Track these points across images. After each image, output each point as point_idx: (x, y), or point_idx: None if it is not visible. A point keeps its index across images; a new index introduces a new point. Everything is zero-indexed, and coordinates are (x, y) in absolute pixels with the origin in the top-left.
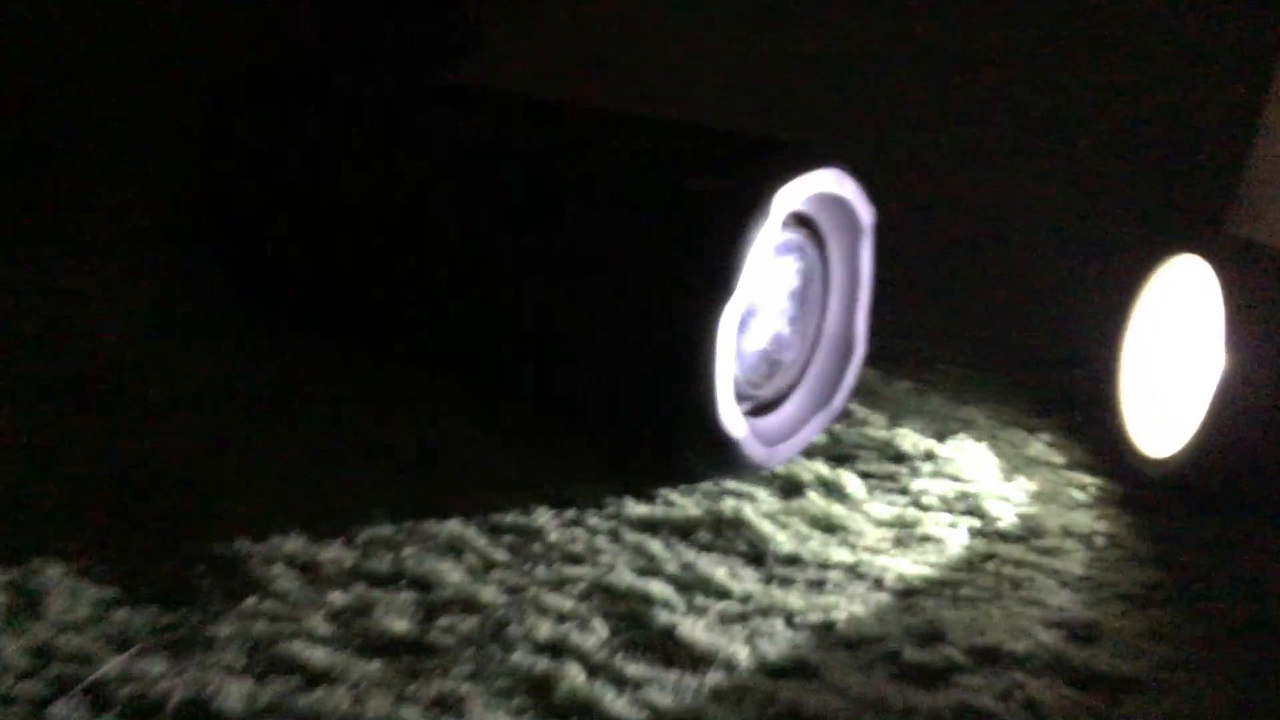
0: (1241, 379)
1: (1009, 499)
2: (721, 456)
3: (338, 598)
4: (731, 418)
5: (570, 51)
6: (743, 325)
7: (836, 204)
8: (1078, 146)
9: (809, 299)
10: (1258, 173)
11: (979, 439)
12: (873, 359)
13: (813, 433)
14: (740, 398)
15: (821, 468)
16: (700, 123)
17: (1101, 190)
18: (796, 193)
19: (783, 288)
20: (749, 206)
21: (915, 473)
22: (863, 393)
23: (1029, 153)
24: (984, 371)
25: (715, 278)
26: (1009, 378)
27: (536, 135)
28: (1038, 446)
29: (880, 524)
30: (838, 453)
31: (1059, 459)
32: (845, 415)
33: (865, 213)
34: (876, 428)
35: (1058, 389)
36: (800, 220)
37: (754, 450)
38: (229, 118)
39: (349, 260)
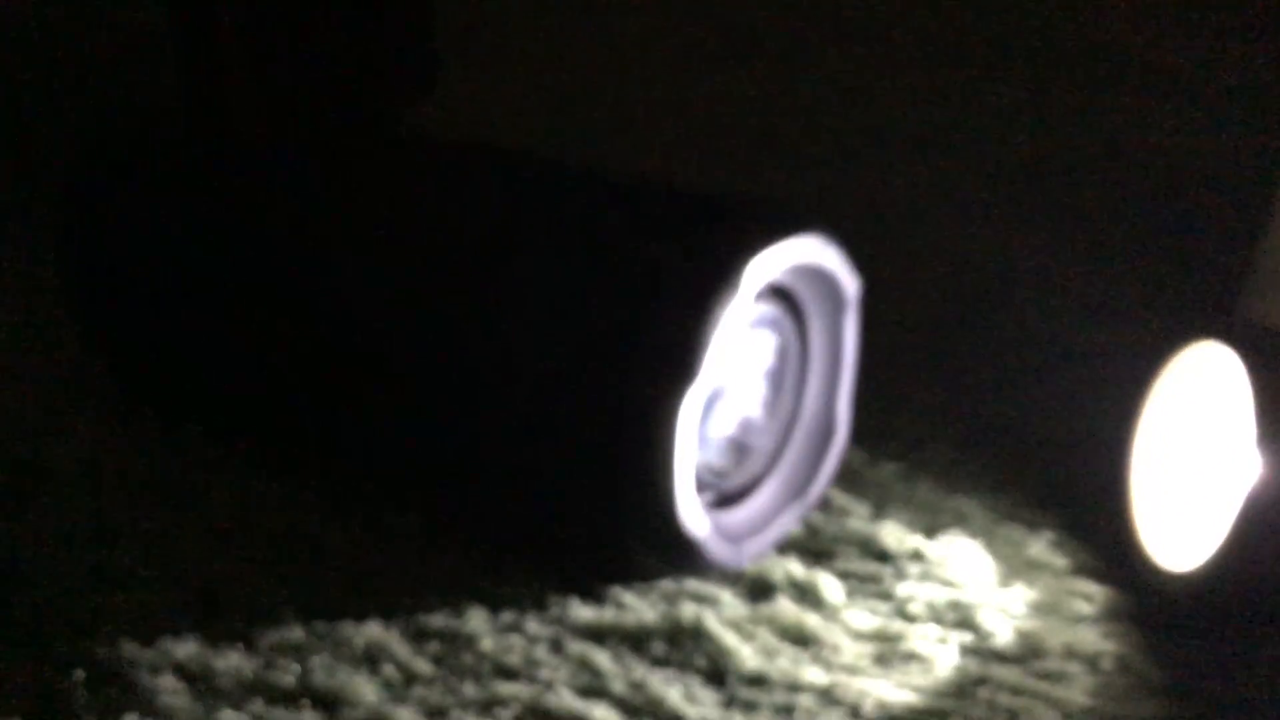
0: (1277, 487)
1: (1006, 610)
2: (680, 557)
3: (229, 718)
4: (692, 514)
5: (541, 88)
6: (708, 409)
7: (817, 274)
8: (1086, 199)
9: (785, 378)
10: (1274, 244)
11: (973, 535)
12: (858, 437)
13: (786, 526)
14: (703, 488)
15: (795, 567)
16: (667, 180)
17: (1111, 252)
18: (772, 263)
19: (755, 367)
20: (716, 279)
21: (901, 574)
22: (845, 478)
23: (1032, 206)
24: (980, 454)
25: (675, 360)
26: (1007, 462)
27: (473, 194)
28: (1038, 547)
29: (859, 637)
30: (815, 548)
31: (1062, 563)
32: (824, 505)
33: (850, 284)
34: (859, 519)
35: (1062, 478)
36: (776, 292)
37: (717, 549)
38: (98, 190)
39: (252, 343)
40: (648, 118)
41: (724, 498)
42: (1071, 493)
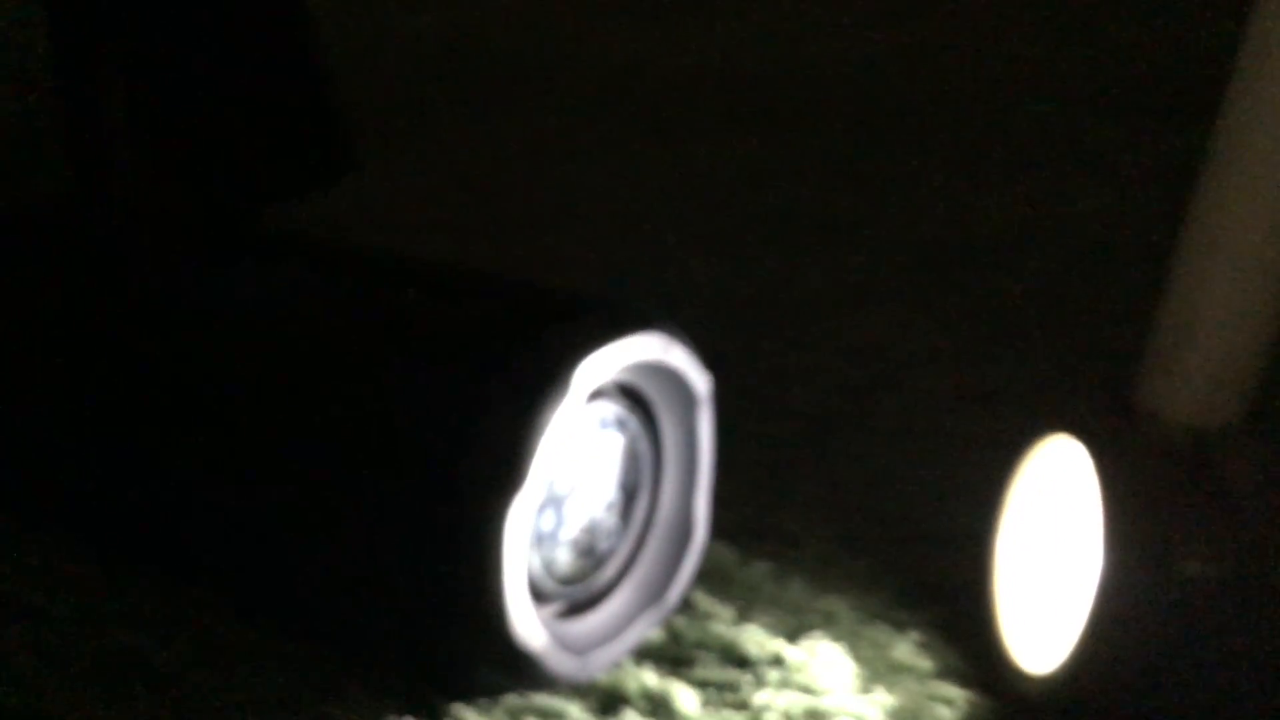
0: (1122, 583)
1: (863, 717)
2: (518, 671)
3: None
4: (527, 626)
5: (449, 178)
6: (548, 513)
7: (663, 372)
8: (991, 280)
9: (637, 479)
10: (1167, 329)
11: (837, 637)
12: (731, 535)
13: (640, 633)
14: (548, 598)
15: (650, 677)
16: (514, 278)
17: (1012, 335)
18: (608, 362)
19: (599, 468)
20: (544, 381)
21: (760, 681)
22: (714, 579)
23: (935, 289)
24: (855, 550)
25: (500, 466)
26: (882, 557)
27: (287, 294)
28: (904, 648)
29: None
30: (674, 655)
31: (927, 664)
32: (688, 608)
33: (699, 381)
34: (722, 623)
35: (934, 573)
36: (625, 391)
37: (559, 662)
38: None
39: (81, 444)
40: (557, 205)
41: (575, 606)
42: (941, 590)
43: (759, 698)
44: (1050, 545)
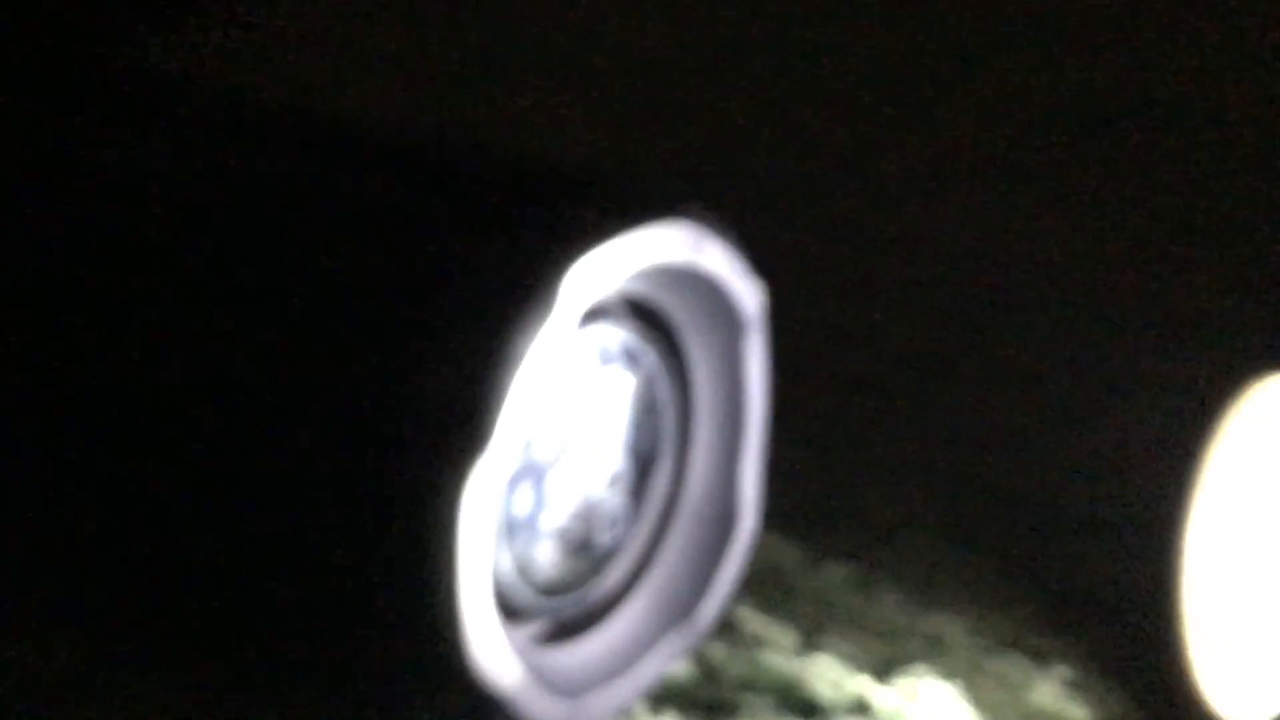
0: None
1: None
2: (480, 718)
3: None
4: (494, 654)
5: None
6: (523, 490)
7: (695, 283)
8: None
9: (655, 439)
10: None
11: (949, 673)
12: (796, 523)
13: (658, 666)
14: (525, 613)
15: None
16: (470, 138)
17: (1190, 247)
18: (613, 265)
19: (599, 425)
20: (513, 292)
21: None
22: (769, 587)
23: (1047, 165)
24: (973, 545)
25: (449, 421)
26: (1007, 558)
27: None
28: (1046, 689)
29: None
30: (709, 699)
31: (1080, 714)
32: (731, 630)
33: (747, 296)
34: (780, 652)
35: (1088, 579)
36: (636, 310)
37: (541, 708)
38: None
39: None
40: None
41: (564, 627)
42: (1100, 604)
43: None
44: (1269, 538)
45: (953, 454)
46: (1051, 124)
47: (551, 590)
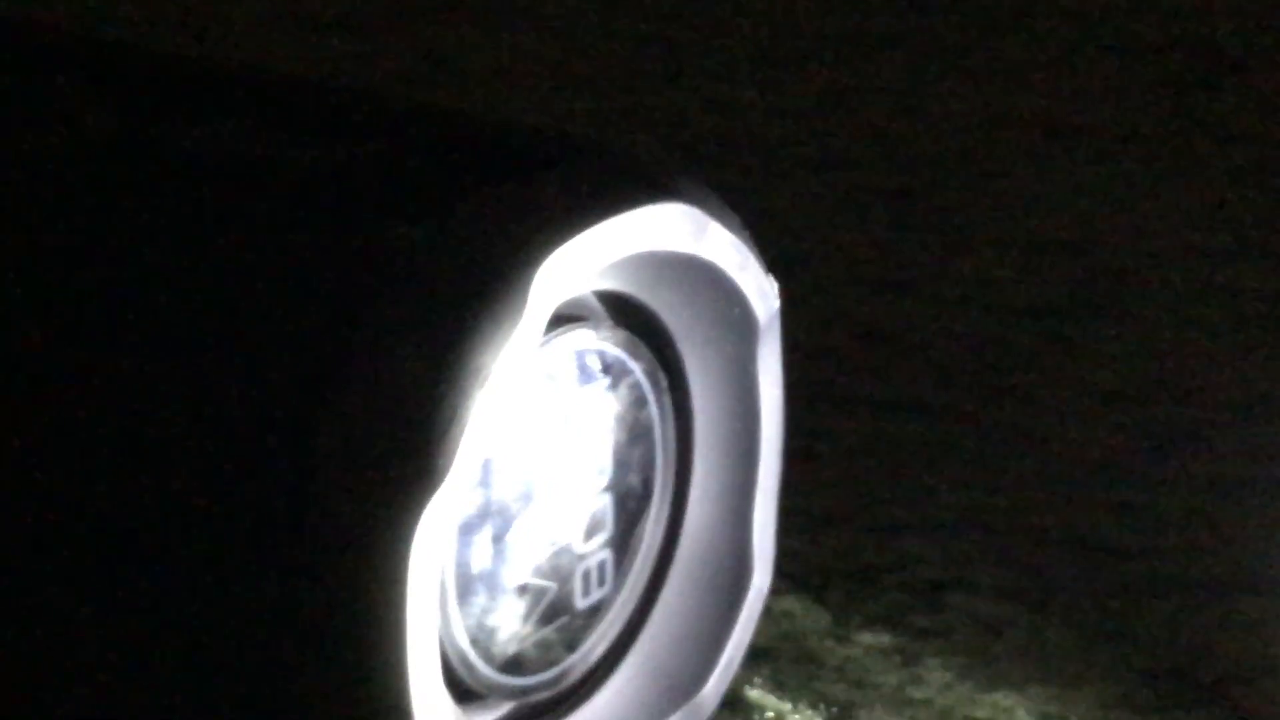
0: None
1: None
2: None
3: None
4: None
5: None
6: (480, 538)
7: (695, 278)
8: None
9: (644, 475)
10: None
11: None
12: (821, 578)
13: None
14: (477, 698)
15: None
16: (429, 106)
17: None
18: (595, 255)
19: (576, 455)
20: (471, 288)
21: None
22: (790, 660)
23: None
24: (1036, 612)
25: (393, 451)
26: (1084, 625)
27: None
28: None
29: None
30: None
31: None
32: (742, 711)
33: (759, 294)
34: None
35: (1181, 652)
36: (625, 309)
37: None
38: None
39: None
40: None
41: (532, 710)
42: (1202, 684)
43: None
44: None
45: (1015, 494)
46: (1153, 79)
47: (516, 667)
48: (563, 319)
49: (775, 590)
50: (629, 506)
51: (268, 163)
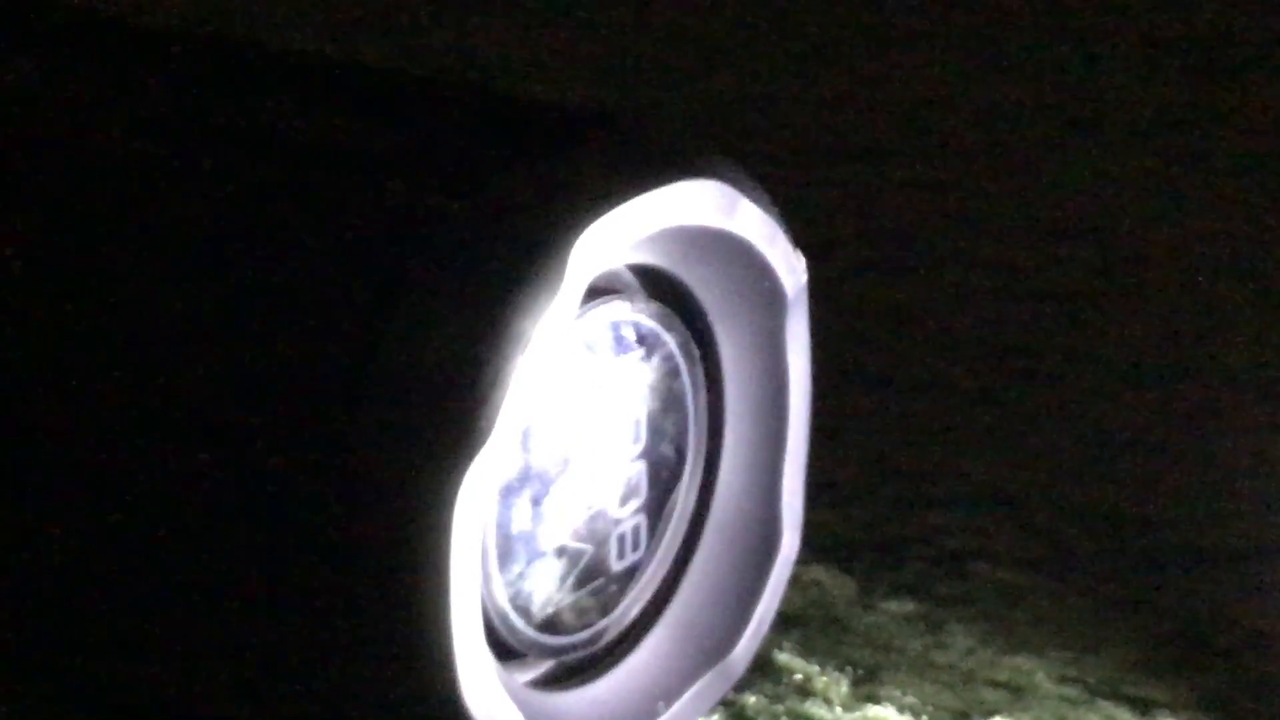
0: None
1: None
2: None
3: None
4: (486, 702)
5: None
6: (519, 503)
7: (727, 253)
8: None
9: (678, 443)
10: None
11: None
12: (849, 548)
13: (689, 714)
14: (517, 655)
15: None
16: (459, 81)
17: None
18: (629, 230)
19: (611, 424)
20: (507, 263)
21: None
22: (817, 625)
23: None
24: (1056, 580)
25: (432, 418)
26: (1101, 592)
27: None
28: None
29: None
30: None
31: None
32: (769, 673)
33: (789, 269)
34: (828, 702)
35: (1195, 619)
36: (658, 282)
37: None
38: None
39: None
40: None
41: (569, 669)
42: (1214, 649)
43: None
44: None
45: (1037, 468)
46: (1174, 70)
47: (552, 626)
48: (599, 291)
49: (803, 560)
50: (662, 474)
51: (321, 139)
